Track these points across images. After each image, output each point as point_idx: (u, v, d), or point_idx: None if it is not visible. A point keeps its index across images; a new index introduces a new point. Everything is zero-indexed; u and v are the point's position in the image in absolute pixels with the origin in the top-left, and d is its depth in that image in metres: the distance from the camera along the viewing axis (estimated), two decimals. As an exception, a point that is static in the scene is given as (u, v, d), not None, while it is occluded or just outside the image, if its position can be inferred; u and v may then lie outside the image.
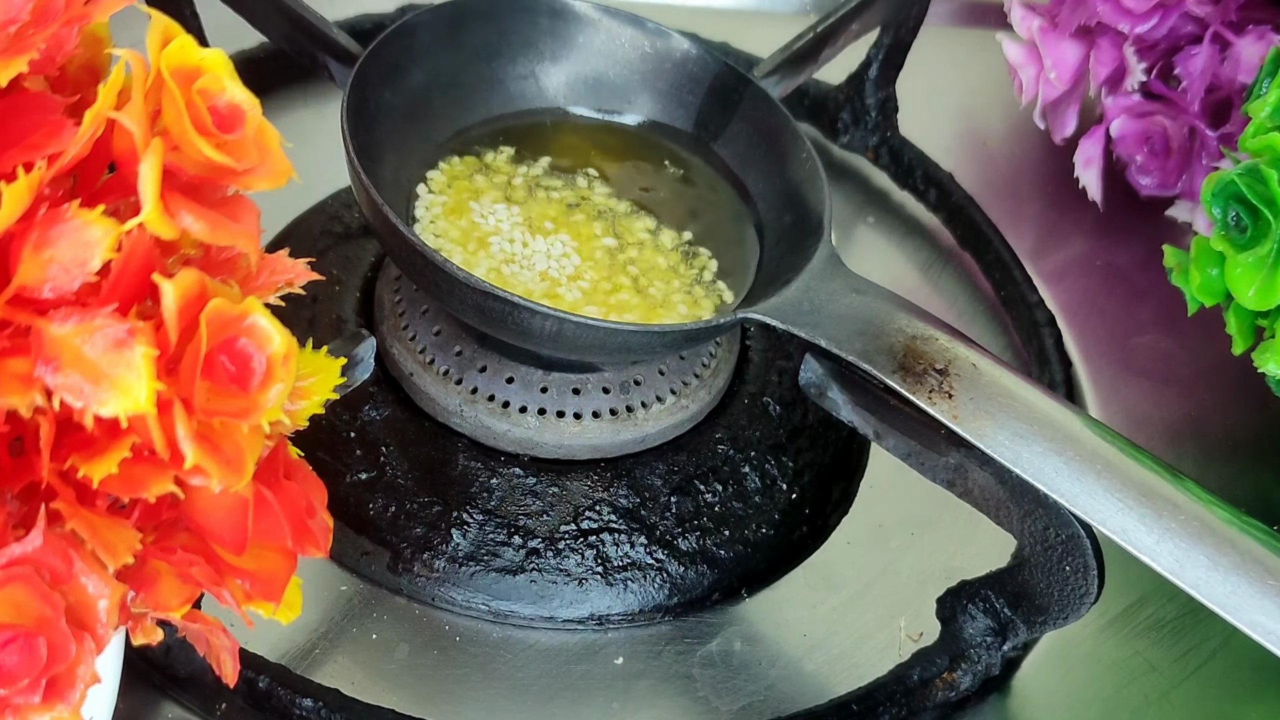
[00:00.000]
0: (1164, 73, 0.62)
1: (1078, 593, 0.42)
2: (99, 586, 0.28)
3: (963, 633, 0.45)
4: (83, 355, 0.27)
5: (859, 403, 0.44)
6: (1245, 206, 0.47)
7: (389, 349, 0.51)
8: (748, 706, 0.46)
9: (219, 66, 0.30)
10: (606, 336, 0.44)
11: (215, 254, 0.31)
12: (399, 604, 0.47)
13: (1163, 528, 0.38)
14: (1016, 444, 0.40)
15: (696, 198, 0.54)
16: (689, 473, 0.50)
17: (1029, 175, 0.69)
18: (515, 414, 0.49)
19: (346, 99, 0.47)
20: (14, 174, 0.27)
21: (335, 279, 0.54)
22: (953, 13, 0.77)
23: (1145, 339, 0.61)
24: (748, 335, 0.55)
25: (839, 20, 0.59)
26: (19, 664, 0.27)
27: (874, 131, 0.66)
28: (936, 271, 0.64)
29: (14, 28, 0.29)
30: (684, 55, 0.55)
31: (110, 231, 0.27)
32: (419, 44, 0.52)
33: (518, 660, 0.46)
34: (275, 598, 0.32)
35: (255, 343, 0.29)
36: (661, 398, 0.50)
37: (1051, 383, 0.56)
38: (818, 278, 0.46)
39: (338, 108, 0.47)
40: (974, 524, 0.46)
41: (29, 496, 0.29)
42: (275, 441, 0.32)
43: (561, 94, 0.55)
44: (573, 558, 0.48)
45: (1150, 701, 0.47)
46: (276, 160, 0.31)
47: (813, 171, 0.51)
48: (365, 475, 0.48)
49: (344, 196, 0.58)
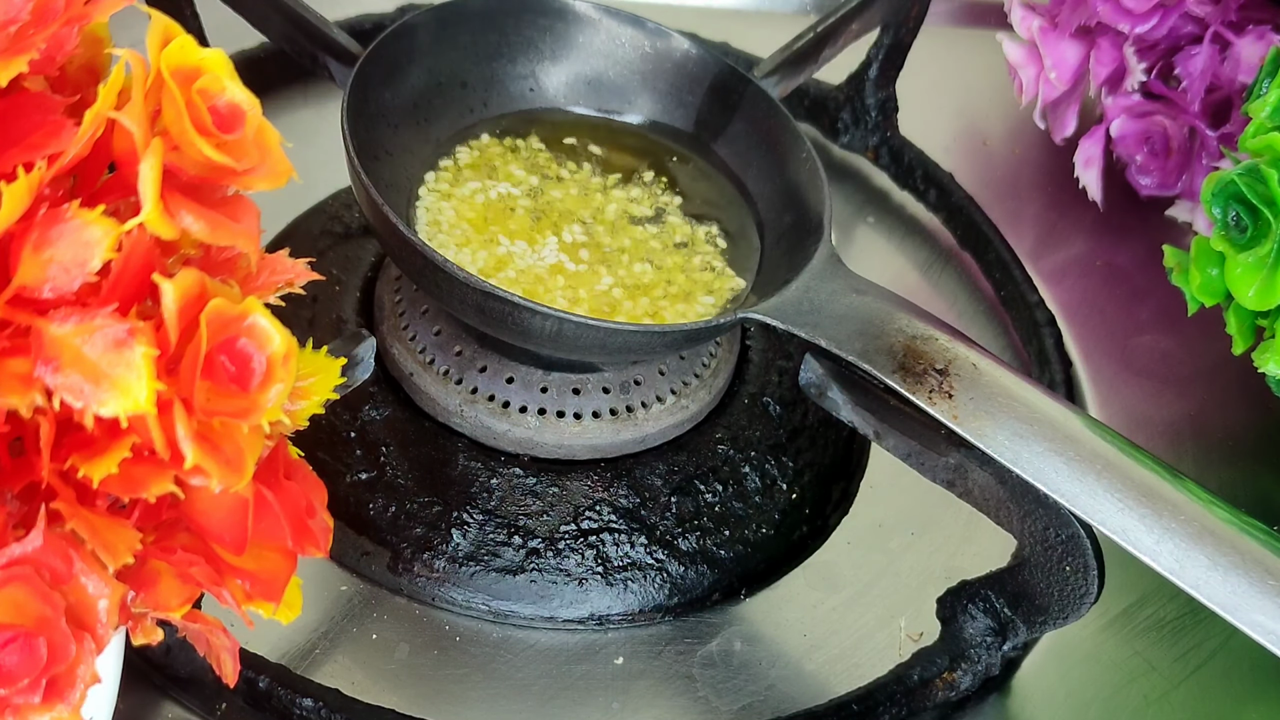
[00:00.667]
0: (1164, 73, 0.62)
1: (1078, 593, 0.42)
2: (99, 586, 0.28)
3: (963, 633, 0.45)
4: (83, 355, 0.27)
5: (859, 403, 0.44)
6: (1245, 206, 0.47)
7: (389, 349, 0.51)
8: (748, 706, 0.46)
9: (219, 66, 0.30)
10: (606, 336, 0.44)
11: (215, 254, 0.31)
12: (399, 604, 0.47)
13: (1163, 528, 0.38)
14: (1016, 444, 0.40)
15: (697, 197, 0.53)
16: (689, 473, 0.50)
17: (1029, 175, 0.69)
18: (515, 414, 0.49)
19: (347, 99, 0.47)
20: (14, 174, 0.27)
21: (335, 279, 0.54)
22: (953, 13, 0.78)
23: (1145, 339, 0.61)
24: (748, 335, 0.55)
25: (839, 20, 0.59)
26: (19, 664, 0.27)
27: (874, 131, 0.66)
28: (936, 271, 0.64)
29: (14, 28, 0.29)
30: (684, 55, 0.55)
31: (110, 231, 0.27)
32: (419, 44, 0.52)
33: (518, 660, 0.46)
34: (275, 598, 0.32)
35: (255, 343, 0.29)
36: (661, 398, 0.50)
37: (1051, 383, 0.56)
38: (818, 278, 0.46)
39: (338, 108, 0.47)
40: (974, 524, 0.46)
41: (29, 496, 0.29)
42: (275, 441, 0.32)
43: (562, 93, 0.55)
44: (573, 558, 0.48)
45: (1150, 701, 0.47)
46: (276, 160, 0.31)
47: (813, 171, 0.51)
48: (365, 475, 0.48)
49: (344, 196, 0.58)
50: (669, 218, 0.53)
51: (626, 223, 0.52)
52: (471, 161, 0.52)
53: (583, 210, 0.52)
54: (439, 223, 0.50)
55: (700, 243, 0.52)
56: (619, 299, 0.49)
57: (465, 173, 0.52)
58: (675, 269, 0.51)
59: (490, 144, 0.53)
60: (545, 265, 0.49)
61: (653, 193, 0.53)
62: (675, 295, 0.50)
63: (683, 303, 0.49)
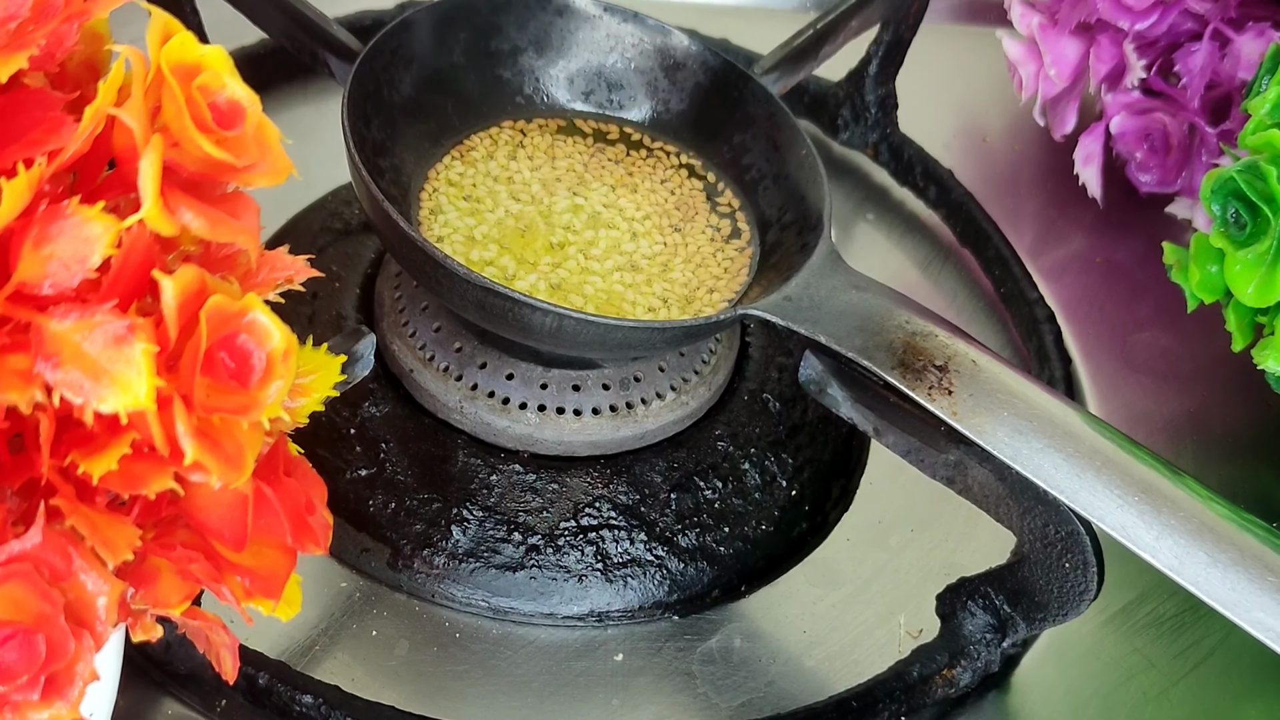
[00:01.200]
0: (1164, 69, 0.62)
1: (1077, 589, 0.42)
2: (98, 583, 0.28)
3: (962, 629, 0.45)
4: (83, 351, 0.27)
5: (859, 399, 0.44)
6: (1244, 203, 0.47)
7: (389, 345, 0.51)
8: (747, 703, 0.46)
9: (219, 63, 0.30)
10: (606, 332, 0.44)
11: (215, 250, 0.31)
12: (399, 600, 0.47)
13: (1162, 524, 0.38)
14: (1016, 440, 0.40)
15: (697, 194, 0.53)
16: (689, 469, 0.50)
17: (1029, 172, 0.69)
18: (515, 410, 0.49)
19: (347, 95, 0.47)
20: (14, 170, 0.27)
21: (335, 275, 0.54)
22: (952, 9, 0.78)
23: (1145, 336, 0.61)
24: (747, 332, 0.55)
25: (839, 17, 0.59)
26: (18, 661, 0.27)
27: (874, 128, 0.66)
28: (936, 268, 0.64)
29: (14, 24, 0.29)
30: (684, 52, 0.55)
31: (110, 228, 0.27)
32: (419, 40, 0.52)
33: (517, 657, 0.46)
34: (275, 594, 0.31)
35: (255, 339, 0.29)
36: (661, 394, 0.50)
37: (1051, 379, 0.56)
38: (817, 274, 0.46)
39: (337, 104, 0.47)
40: (974, 521, 0.46)
41: (29, 493, 0.29)
42: (275, 438, 0.32)
43: (562, 90, 0.55)
44: (572, 554, 0.48)
45: (1149, 698, 0.47)
46: (276, 157, 0.31)
47: (813, 168, 0.51)
48: (365, 472, 0.48)
49: (344, 193, 0.58)
50: (669, 215, 0.52)
51: (628, 219, 0.52)
52: (471, 158, 0.52)
53: (582, 206, 0.52)
54: (439, 219, 0.50)
55: (699, 240, 0.52)
56: (619, 295, 0.49)
57: (465, 169, 0.52)
58: (675, 265, 0.51)
59: (490, 140, 0.53)
60: (545, 259, 0.49)
61: (653, 190, 0.53)
62: (674, 294, 0.50)
63: (681, 301, 0.49)
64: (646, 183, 0.53)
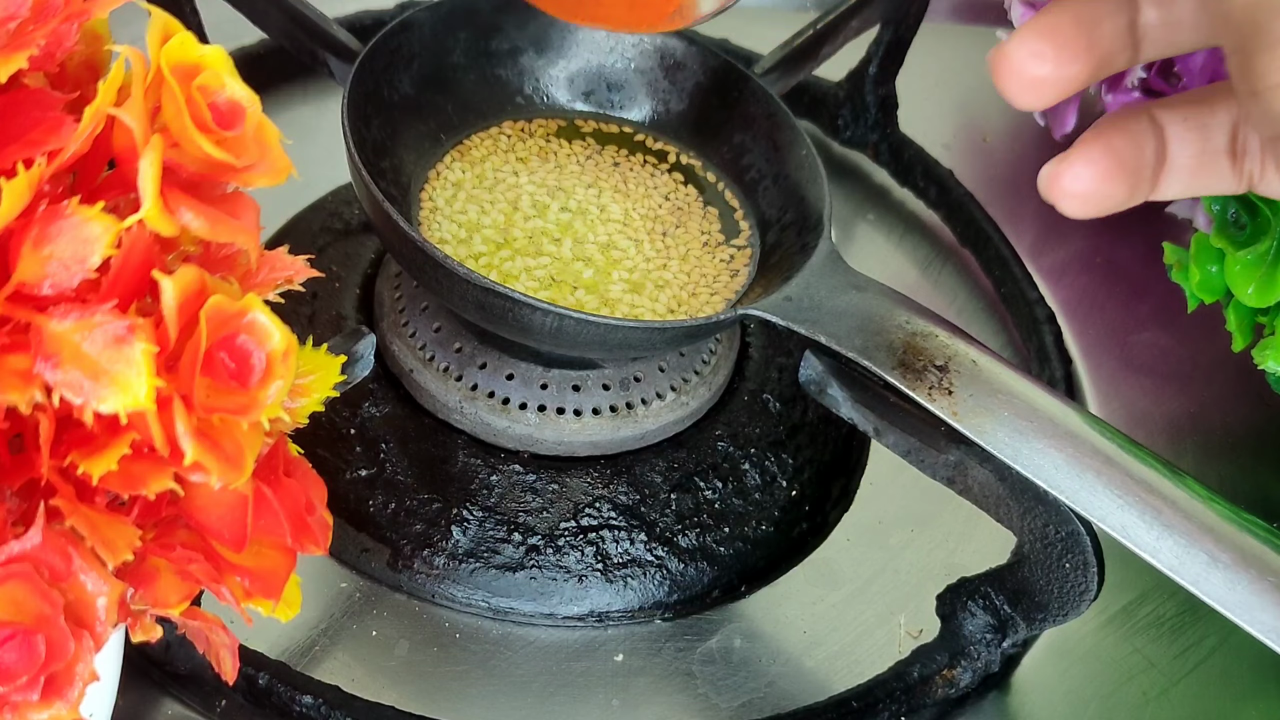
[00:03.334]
0: (1164, 69, 0.62)
1: (1077, 590, 0.42)
2: (98, 584, 0.28)
3: (963, 630, 0.45)
4: (82, 352, 0.27)
5: (859, 399, 0.44)
6: (1244, 204, 0.47)
7: (389, 346, 0.51)
8: (748, 703, 0.46)
9: (219, 63, 0.30)
10: (607, 332, 0.44)
11: (215, 251, 0.31)
12: (399, 601, 0.47)
13: (1162, 524, 0.38)
14: (1016, 440, 0.40)
15: (697, 194, 0.53)
16: (689, 469, 0.50)
17: (1029, 172, 0.69)
18: (515, 410, 0.49)
19: (347, 95, 0.47)
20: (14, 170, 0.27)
21: (335, 276, 0.54)
22: (952, 9, 0.77)
23: (1145, 336, 0.61)
24: (748, 332, 0.55)
25: (839, 17, 0.59)
26: (17, 661, 0.27)
27: (874, 128, 0.66)
28: (936, 268, 0.64)
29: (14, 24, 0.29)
30: (684, 52, 0.55)
31: (110, 228, 0.27)
32: (419, 40, 0.52)
33: (517, 657, 0.46)
34: (275, 595, 0.31)
35: (255, 339, 0.29)
36: (661, 394, 0.50)
37: (1051, 379, 0.56)
38: (817, 274, 0.46)
39: (337, 104, 0.47)
40: (974, 521, 0.46)
41: (28, 493, 0.29)
42: (275, 438, 0.32)
43: (562, 90, 0.55)
44: (572, 554, 0.48)
45: (1149, 699, 0.47)
46: (276, 157, 0.31)
47: (813, 168, 0.51)
48: (365, 472, 0.48)
49: (344, 193, 0.58)
50: (669, 215, 0.52)
51: (628, 219, 0.52)
52: (471, 158, 0.52)
53: (582, 207, 0.52)
54: (439, 219, 0.50)
55: (699, 240, 0.52)
56: (619, 295, 0.49)
57: (465, 169, 0.52)
58: (675, 265, 0.51)
59: (490, 141, 0.53)
60: (545, 260, 0.49)
61: (653, 190, 0.53)
62: (673, 293, 0.50)
63: (680, 300, 0.49)
64: (646, 183, 0.53)
